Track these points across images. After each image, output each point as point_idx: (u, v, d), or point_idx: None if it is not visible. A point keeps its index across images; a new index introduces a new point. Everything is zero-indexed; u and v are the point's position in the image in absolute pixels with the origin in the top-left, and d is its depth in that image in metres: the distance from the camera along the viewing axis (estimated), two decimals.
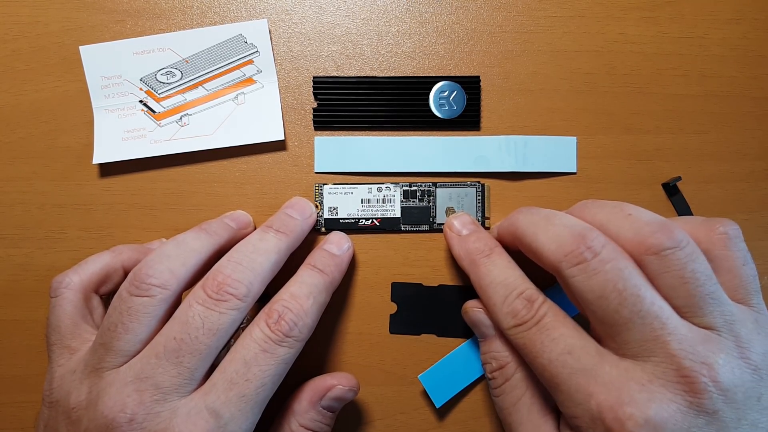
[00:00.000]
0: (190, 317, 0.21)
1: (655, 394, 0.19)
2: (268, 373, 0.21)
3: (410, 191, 0.29)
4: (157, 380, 0.21)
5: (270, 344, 0.22)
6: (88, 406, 0.21)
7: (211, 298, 0.22)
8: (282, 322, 0.22)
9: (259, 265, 0.23)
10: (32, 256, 0.29)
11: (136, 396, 0.20)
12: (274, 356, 0.22)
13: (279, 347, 0.22)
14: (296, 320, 0.22)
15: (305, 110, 0.29)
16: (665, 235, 0.21)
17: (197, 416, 0.20)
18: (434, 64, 0.29)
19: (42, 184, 0.29)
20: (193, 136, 0.29)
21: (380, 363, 0.29)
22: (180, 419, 0.20)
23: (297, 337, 0.22)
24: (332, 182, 0.29)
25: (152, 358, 0.21)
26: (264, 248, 0.24)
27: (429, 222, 0.29)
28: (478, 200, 0.29)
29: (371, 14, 0.29)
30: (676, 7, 0.29)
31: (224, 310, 0.22)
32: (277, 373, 0.22)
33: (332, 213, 0.28)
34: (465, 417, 0.28)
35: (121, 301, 0.22)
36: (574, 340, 0.21)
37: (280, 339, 0.22)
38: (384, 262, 0.29)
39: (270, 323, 0.22)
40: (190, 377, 0.21)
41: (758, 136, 0.29)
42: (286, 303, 0.23)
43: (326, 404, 0.25)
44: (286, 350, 0.22)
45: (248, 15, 0.29)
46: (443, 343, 0.29)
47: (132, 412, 0.20)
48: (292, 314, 0.22)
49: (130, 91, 0.29)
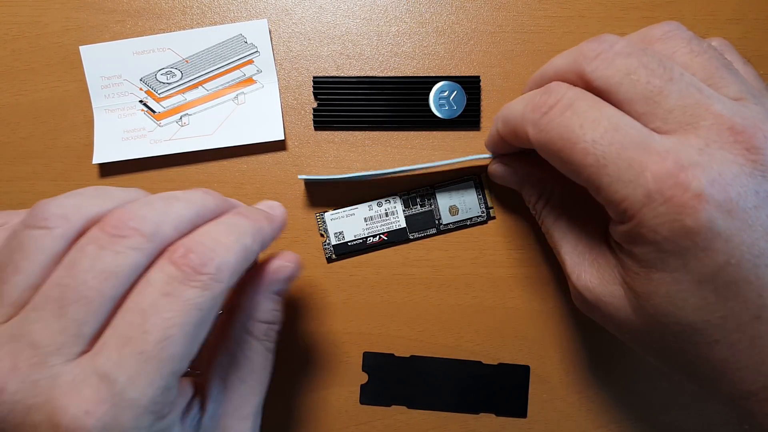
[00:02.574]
0: (78, 257, 0.17)
1: (715, 156, 0.17)
2: (174, 322, 0.17)
3: (410, 199, 0.29)
4: (34, 338, 0.16)
5: (174, 285, 0.17)
6: None
7: (107, 234, 0.17)
8: (191, 255, 0.17)
9: (176, 210, 0.18)
10: None
11: (9, 360, 0.16)
12: (179, 300, 0.17)
13: (187, 288, 0.17)
14: (211, 254, 0.18)
15: (305, 110, 0.29)
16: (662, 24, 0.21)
17: (84, 383, 0.16)
18: (434, 64, 0.29)
19: (42, 184, 0.29)
20: (193, 136, 0.29)
21: None
22: (62, 389, 0.16)
23: (213, 275, 0.17)
24: (331, 208, 0.29)
25: (31, 311, 0.17)
26: (185, 198, 0.19)
27: (436, 225, 0.29)
28: (478, 192, 0.29)
29: (371, 14, 0.29)
30: (676, 7, 0.29)
31: (121, 249, 0.17)
32: (189, 322, 0.17)
33: (339, 238, 0.28)
34: (465, 417, 0.28)
35: (14, 236, 0.18)
36: (618, 117, 0.19)
37: (187, 276, 0.17)
38: (384, 261, 0.29)
39: (174, 258, 0.17)
40: (77, 334, 0.16)
41: None
42: (198, 238, 0.18)
43: (278, 289, 0.22)
44: (198, 292, 0.17)
45: (248, 15, 0.29)
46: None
47: (2, 380, 0.16)
48: (206, 248, 0.18)
49: (130, 91, 0.29)
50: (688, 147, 0.17)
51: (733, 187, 0.17)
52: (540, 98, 0.20)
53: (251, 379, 0.21)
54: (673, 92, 0.18)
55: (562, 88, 0.20)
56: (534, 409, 0.28)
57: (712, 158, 0.17)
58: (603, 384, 0.26)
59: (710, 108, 0.18)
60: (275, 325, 0.22)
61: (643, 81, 0.19)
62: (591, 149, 0.18)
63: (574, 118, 0.19)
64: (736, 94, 0.19)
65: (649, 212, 0.17)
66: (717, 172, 0.17)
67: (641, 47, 0.19)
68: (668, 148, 0.18)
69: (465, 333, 0.29)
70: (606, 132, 0.18)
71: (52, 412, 0.16)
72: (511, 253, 0.29)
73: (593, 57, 0.20)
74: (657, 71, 0.19)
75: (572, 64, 0.20)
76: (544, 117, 0.20)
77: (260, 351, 0.21)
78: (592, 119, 0.19)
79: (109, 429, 0.16)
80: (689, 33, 0.20)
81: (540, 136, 0.20)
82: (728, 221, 0.17)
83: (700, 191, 0.17)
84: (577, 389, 0.28)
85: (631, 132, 0.18)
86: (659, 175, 0.17)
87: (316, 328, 0.29)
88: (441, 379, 0.28)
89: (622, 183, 0.18)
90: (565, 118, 0.19)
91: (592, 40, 0.20)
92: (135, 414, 0.16)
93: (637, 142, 0.18)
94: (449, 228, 0.29)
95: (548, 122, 0.20)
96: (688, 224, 0.17)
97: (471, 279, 0.29)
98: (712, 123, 0.18)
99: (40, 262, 0.17)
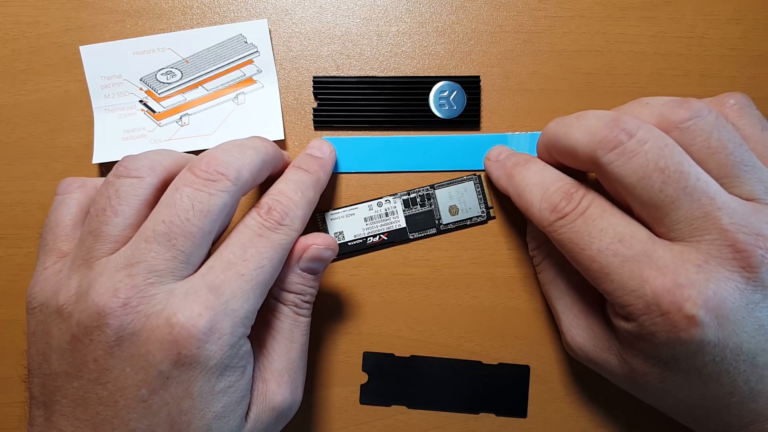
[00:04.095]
0: (177, 199, 0.20)
1: (712, 274, 0.18)
2: (266, 255, 0.21)
3: (410, 199, 0.29)
4: (150, 264, 0.20)
5: (264, 230, 0.21)
6: (78, 299, 0.20)
7: (199, 178, 0.21)
8: (273, 211, 0.22)
9: (249, 156, 0.22)
10: (32, 256, 0.29)
11: (128, 280, 0.19)
12: (270, 240, 0.21)
13: (273, 233, 0.22)
14: (287, 210, 0.22)
15: (305, 110, 0.29)
16: (683, 107, 0.20)
17: (196, 294, 0.20)
18: (434, 64, 0.29)
19: (42, 184, 0.29)
20: (193, 136, 0.29)
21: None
22: (178, 299, 0.19)
23: (290, 225, 0.22)
24: (331, 208, 0.29)
25: (142, 242, 0.20)
26: (252, 145, 0.23)
27: (435, 225, 0.29)
28: (478, 192, 0.29)
29: (371, 14, 0.29)
30: (676, 7, 0.29)
31: (214, 191, 0.21)
32: (275, 257, 0.21)
33: (339, 237, 0.28)
34: (466, 417, 0.28)
35: (108, 185, 0.21)
36: (624, 227, 0.20)
37: (273, 226, 0.22)
38: (384, 261, 0.29)
39: (261, 213, 0.22)
40: (186, 261, 0.20)
41: None
42: (275, 196, 0.23)
43: (304, 266, 0.24)
44: (281, 236, 0.22)
45: (248, 15, 0.29)
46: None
47: (125, 296, 0.19)
48: (282, 205, 0.22)
49: (130, 91, 0.29)
50: (687, 263, 0.19)
51: (726, 303, 0.18)
52: (559, 203, 0.21)
53: (282, 338, 0.23)
54: (684, 203, 0.19)
55: (579, 193, 0.21)
56: (534, 409, 0.28)
57: (709, 276, 0.18)
58: (603, 384, 0.26)
59: (717, 222, 0.19)
60: (304, 296, 0.24)
61: (657, 188, 0.19)
62: (597, 257, 0.20)
63: (584, 226, 0.21)
64: (750, 194, 0.19)
65: (648, 320, 0.19)
66: (712, 290, 0.18)
67: (660, 141, 0.19)
68: (668, 262, 0.19)
69: (465, 333, 0.29)
70: (611, 243, 0.20)
71: (169, 315, 0.19)
72: (511, 253, 0.29)
73: (610, 148, 0.20)
74: (672, 177, 0.19)
75: (588, 149, 0.21)
76: (558, 221, 0.21)
77: (287, 314, 0.23)
78: (600, 229, 0.20)
79: (213, 331, 0.19)
80: (712, 122, 0.20)
81: (553, 235, 0.22)
82: (718, 332, 0.18)
83: (693, 313, 0.18)
84: (577, 389, 0.28)
85: (634, 244, 0.20)
86: (658, 291, 0.19)
87: (316, 327, 0.29)
88: (441, 379, 0.28)
89: (625, 291, 0.19)
90: (576, 225, 0.21)
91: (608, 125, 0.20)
92: (233, 322, 0.20)
93: (640, 254, 0.19)
94: (449, 228, 0.29)
95: (561, 227, 0.21)
96: (682, 337, 0.18)
97: (471, 279, 0.29)
98: (715, 238, 0.19)
99: (135, 205, 0.21)
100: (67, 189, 0.24)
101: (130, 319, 0.19)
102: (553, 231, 0.22)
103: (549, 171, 0.23)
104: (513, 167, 0.24)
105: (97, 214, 0.21)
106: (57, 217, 0.23)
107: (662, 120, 0.20)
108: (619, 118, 0.20)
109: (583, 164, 0.22)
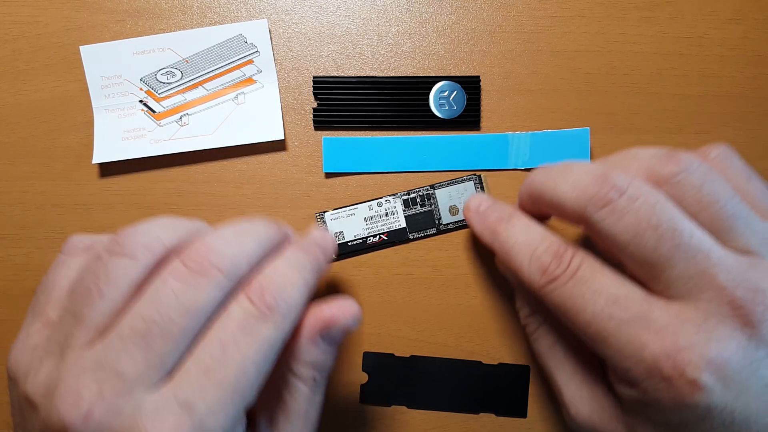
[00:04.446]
0: (162, 293, 0.18)
1: (712, 334, 0.18)
2: (250, 357, 0.18)
3: (410, 199, 0.29)
4: (120, 368, 0.17)
5: (251, 322, 0.18)
6: (45, 393, 0.18)
7: (189, 270, 0.18)
8: (266, 293, 0.19)
9: (248, 245, 0.20)
10: (32, 256, 0.29)
11: (95, 387, 0.17)
12: (256, 336, 0.18)
13: (262, 325, 0.18)
14: (282, 293, 0.19)
15: (305, 110, 0.29)
16: (672, 161, 0.20)
17: (167, 411, 0.17)
18: (434, 64, 0.29)
19: (42, 184, 0.29)
20: (193, 136, 0.29)
21: None
22: (146, 417, 0.17)
23: (283, 313, 0.19)
24: (331, 208, 0.29)
25: (116, 340, 0.18)
26: (254, 231, 0.21)
27: (435, 225, 0.29)
28: (478, 192, 0.29)
29: (371, 14, 0.29)
30: (676, 7, 0.29)
31: (203, 287, 0.18)
32: (262, 358, 0.18)
33: (339, 238, 0.28)
34: (466, 417, 0.28)
35: (98, 261, 0.19)
36: (618, 288, 0.19)
37: (262, 315, 0.18)
38: (384, 262, 0.29)
39: (250, 296, 0.19)
40: (160, 365, 0.18)
41: (758, 136, 0.29)
42: (269, 275, 0.20)
43: (327, 338, 0.22)
44: (271, 329, 0.19)
45: (248, 15, 0.29)
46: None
47: (88, 406, 0.17)
48: (278, 286, 0.19)
49: (130, 91, 0.29)
50: (686, 323, 0.18)
51: (729, 364, 0.17)
52: (550, 264, 0.21)
53: (297, 419, 0.21)
54: (679, 261, 0.18)
55: (568, 253, 0.21)
56: (534, 409, 0.28)
57: (710, 336, 0.18)
58: None
59: (714, 279, 0.18)
60: (322, 370, 0.22)
61: (650, 247, 0.18)
62: (592, 321, 0.19)
63: (577, 288, 0.20)
64: (745, 247, 0.19)
65: (651, 385, 0.18)
66: (714, 351, 0.17)
67: (651, 197, 0.19)
68: (666, 324, 0.18)
69: (465, 333, 0.29)
70: (606, 305, 0.19)
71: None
72: None
73: (600, 205, 0.19)
74: (666, 235, 0.18)
75: (577, 205, 0.20)
76: (550, 285, 0.20)
77: (305, 393, 0.21)
78: (593, 290, 0.19)
79: None
80: (702, 174, 0.19)
81: (545, 298, 0.21)
82: (724, 394, 0.18)
83: (696, 377, 0.17)
84: None
85: (630, 306, 0.19)
86: (658, 356, 0.18)
87: None
88: (441, 379, 0.28)
89: (624, 356, 0.19)
90: (567, 288, 0.20)
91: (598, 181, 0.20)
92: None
93: (636, 316, 0.19)
94: (449, 228, 0.29)
95: (553, 290, 0.20)
96: (687, 401, 0.18)
97: (471, 279, 0.29)
98: (713, 296, 0.18)
99: (123, 289, 0.18)
100: (72, 250, 0.22)
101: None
102: (545, 294, 0.21)
103: (535, 228, 0.22)
104: (497, 223, 0.23)
105: (82, 293, 0.19)
106: (54, 279, 0.21)
107: (651, 174, 0.20)
108: (608, 173, 0.20)
109: (571, 219, 0.21)
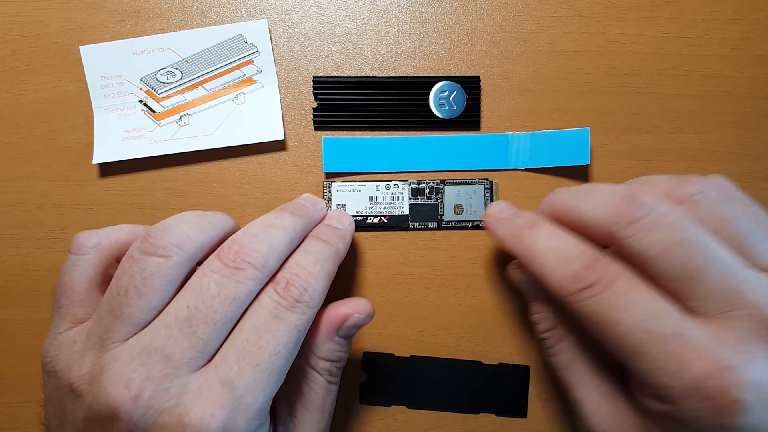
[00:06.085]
0: (204, 285, 0.20)
1: (751, 354, 0.18)
2: (282, 340, 0.20)
3: (418, 188, 0.29)
4: (167, 352, 0.19)
5: (281, 310, 0.20)
6: (91, 380, 0.20)
7: (227, 266, 0.20)
8: (291, 287, 0.21)
9: (276, 239, 0.22)
10: (32, 256, 0.29)
11: (143, 370, 0.19)
12: (286, 322, 0.20)
13: (290, 313, 0.21)
14: (306, 285, 0.21)
15: (305, 110, 0.29)
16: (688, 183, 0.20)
17: (209, 390, 0.19)
18: (434, 64, 0.29)
19: (42, 184, 0.29)
20: (193, 136, 0.29)
21: None
22: (190, 395, 0.19)
23: (308, 302, 0.21)
24: (340, 180, 0.29)
25: (162, 328, 0.19)
26: (280, 224, 0.23)
27: (437, 220, 0.29)
28: (486, 197, 0.29)
29: (371, 14, 0.29)
30: (676, 7, 0.29)
31: (241, 279, 0.20)
32: (291, 341, 0.20)
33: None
34: (466, 417, 0.28)
35: (133, 262, 0.20)
36: (654, 303, 0.19)
37: (290, 305, 0.21)
38: (384, 262, 0.29)
39: (278, 290, 0.21)
40: (203, 350, 0.20)
41: (758, 136, 0.29)
42: (293, 270, 0.22)
43: (342, 333, 0.24)
44: (298, 316, 0.21)
45: (248, 15, 0.29)
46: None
47: (138, 388, 0.19)
48: (301, 279, 0.21)
49: (130, 91, 0.29)
50: (725, 344, 0.18)
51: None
52: (582, 271, 0.20)
53: (314, 408, 0.23)
54: (710, 275, 0.18)
55: (603, 262, 0.20)
56: (534, 409, 0.28)
57: (749, 357, 0.18)
58: None
59: (743, 297, 0.18)
60: (339, 363, 0.24)
61: (679, 261, 0.19)
62: (628, 335, 0.19)
63: (612, 300, 0.19)
64: (765, 265, 0.19)
65: (689, 404, 0.18)
66: (756, 372, 0.18)
67: (678, 213, 0.19)
68: (706, 343, 0.18)
69: (465, 333, 0.29)
70: (642, 320, 0.19)
71: (182, 413, 0.19)
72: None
73: (628, 222, 0.19)
74: (694, 250, 0.19)
75: (604, 223, 0.20)
76: (582, 292, 0.20)
77: (322, 384, 0.23)
78: (629, 303, 0.19)
79: (228, 430, 0.19)
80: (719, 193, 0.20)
81: (574, 306, 0.20)
82: (763, 415, 0.18)
83: (738, 398, 0.17)
84: None
85: (667, 321, 0.19)
86: (700, 375, 0.18)
87: None
88: (441, 379, 0.28)
89: (662, 373, 0.18)
90: (602, 298, 0.19)
91: (625, 200, 0.20)
92: (247, 418, 0.19)
93: (674, 333, 0.18)
94: (450, 226, 0.29)
95: (585, 298, 0.20)
96: (725, 423, 0.18)
97: (471, 279, 0.29)
98: (746, 314, 0.18)
99: (162, 288, 0.20)
100: (80, 249, 0.23)
101: (142, 413, 0.19)
102: (575, 302, 0.20)
103: (564, 235, 0.22)
104: (521, 228, 0.23)
105: (120, 293, 0.20)
106: (71, 280, 0.22)
107: (670, 196, 0.20)
108: (634, 193, 0.20)
109: (596, 237, 0.21)
